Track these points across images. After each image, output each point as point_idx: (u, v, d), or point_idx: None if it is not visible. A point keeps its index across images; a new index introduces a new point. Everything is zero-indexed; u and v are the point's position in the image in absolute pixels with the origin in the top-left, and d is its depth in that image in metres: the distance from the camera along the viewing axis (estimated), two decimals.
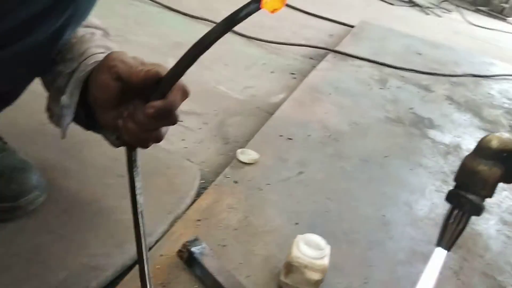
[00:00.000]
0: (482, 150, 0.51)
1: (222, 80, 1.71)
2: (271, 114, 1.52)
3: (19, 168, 0.82)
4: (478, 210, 0.54)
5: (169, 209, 0.95)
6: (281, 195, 1.09)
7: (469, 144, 1.62)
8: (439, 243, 0.58)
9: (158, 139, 0.68)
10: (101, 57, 0.70)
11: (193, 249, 0.83)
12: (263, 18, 2.83)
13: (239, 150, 1.20)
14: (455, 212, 0.56)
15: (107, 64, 0.66)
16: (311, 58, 2.20)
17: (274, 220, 1.00)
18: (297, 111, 1.52)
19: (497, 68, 2.80)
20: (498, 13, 5.74)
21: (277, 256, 0.90)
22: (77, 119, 0.75)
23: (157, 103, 0.62)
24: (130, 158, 0.72)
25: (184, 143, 1.27)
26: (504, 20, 5.55)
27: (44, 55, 0.69)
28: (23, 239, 0.79)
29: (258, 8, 0.49)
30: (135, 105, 0.66)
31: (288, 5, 3.12)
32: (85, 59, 0.70)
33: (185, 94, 0.65)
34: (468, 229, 1.14)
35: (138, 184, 0.71)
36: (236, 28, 2.28)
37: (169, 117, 0.65)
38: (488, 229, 1.18)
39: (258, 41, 2.23)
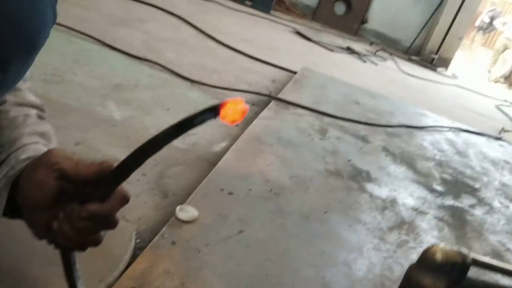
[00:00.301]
0: (426, 262, 0.51)
1: (163, 126, 1.65)
2: (213, 164, 1.49)
3: None
4: None
5: (101, 276, 0.89)
6: (220, 257, 1.06)
7: (404, 199, 1.68)
8: None
9: (97, 243, 0.63)
10: (33, 148, 0.64)
11: None
12: (206, 60, 2.84)
13: (178, 207, 1.16)
14: None
15: (47, 161, 0.60)
16: (253, 104, 2.22)
17: (213, 286, 0.96)
18: (239, 163, 1.51)
19: (429, 119, 2.96)
20: (429, 63, 6.14)
21: None
22: None
23: (94, 208, 0.58)
24: (67, 261, 0.65)
25: None
26: (434, 70, 5.94)
27: None
28: None
29: (214, 118, 0.48)
30: (71, 207, 0.60)
31: (232, 48, 3.17)
32: (16, 150, 0.63)
33: (125, 200, 0.61)
34: None
35: None
36: (178, 70, 2.27)
37: (107, 222, 0.61)
38: None
39: (201, 85, 2.22)
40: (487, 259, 0.45)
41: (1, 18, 0.53)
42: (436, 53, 6.39)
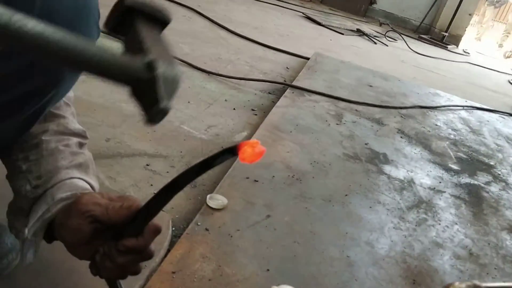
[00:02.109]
0: None
1: (186, 119, 1.74)
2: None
3: None
4: None
5: (145, 262, 0.96)
6: (251, 241, 1.13)
7: (421, 179, 1.73)
8: None
9: (136, 272, 0.70)
10: (69, 185, 0.69)
11: None
12: (220, 50, 2.88)
13: (208, 196, 1.23)
14: None
15: (79, 209, 0.65)
16: (269, 93, 2.28)
17: (246, 268, 1.04)
18: None
19: (441, 99, 2.98)
20: (439, 42, 6.10)
21: None
22: None
23: (131, 243, 0.65)
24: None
25: (152, 188, 1.28)
26: (445, 48, 5.91)
27: (21, 131, 0.70)
28: None
29: (232, 157, 0.55)
30: (109, 245, 0.66)
31: (244, 37, 3.21)
32: (52, 186, 0.68)
33: (157, 231, 0.67)
34: (425, 266, 1.22)
35: None
36: (195, 62, 2.32)
37: (144, 254, 0.68)
38: (443, 265, 1.26)
39: (217, 76, 2.28)
40: (497, 284, 0.50)
41: None
42: (446, 31, 6.35)
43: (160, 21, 0.57)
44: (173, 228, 1.14)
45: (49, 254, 0.91)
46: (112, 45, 0.60)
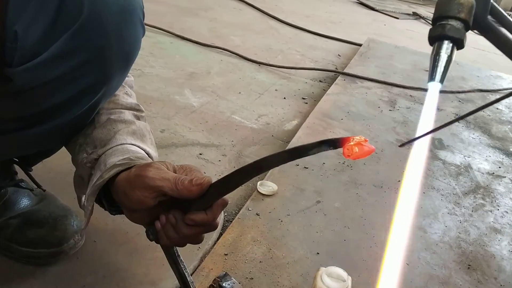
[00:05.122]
0: None
1: (237, 109, 1.78)
2: (286, 142, 1.58)
3: (61, 216, 0.89)
4: (460, 33, 0.53)
5: (198, 245, 1.01)
6: (301, 226, 1.15)
7: (479, 164, 1.67)
8: (430, 79, 0.54)
9: (198, 242, 0.70)
10: (120, 150, 0.71)
11: (224, 284, 0.89)
12: (270, 41, 2.89)
13: (259, 182, 1.27)
14: (439, 44, 0.54)
15: (146, 183, 0.64)
16: (320, 81, 2.27)
17: (296, 251, 1.06)
18: (311, 139, 1.58)
19: (504, 82, 2.85)
20: None
21: (302, 287, 0.96)
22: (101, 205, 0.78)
23: (199, 217, 0.65)
24: (173, 254, 0.74)
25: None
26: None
27: (80, 125, 0.76)
28: (69, 281, 0.85)
29: (330, 149, 0.50)
30: (174, 215, 0.67)
31: (295, 26, 3.20)
32: (105, 152, 0.72)
33: (225, 205, 0.67)
34: (481, 251, 1.19)
35: (189, 279, 0.75)
36: (245, 54, 2.36)
37: (210, 227, 0.68)
38: (501, 250, 1.22)
39: (268, 67, 2.30)
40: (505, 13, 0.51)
41: (106, 42, 0.63)
42: (511, 10, 5.99)
43: None
44: (225, 214, 1.19)
45: (111, 237, 0.98)
46: None
